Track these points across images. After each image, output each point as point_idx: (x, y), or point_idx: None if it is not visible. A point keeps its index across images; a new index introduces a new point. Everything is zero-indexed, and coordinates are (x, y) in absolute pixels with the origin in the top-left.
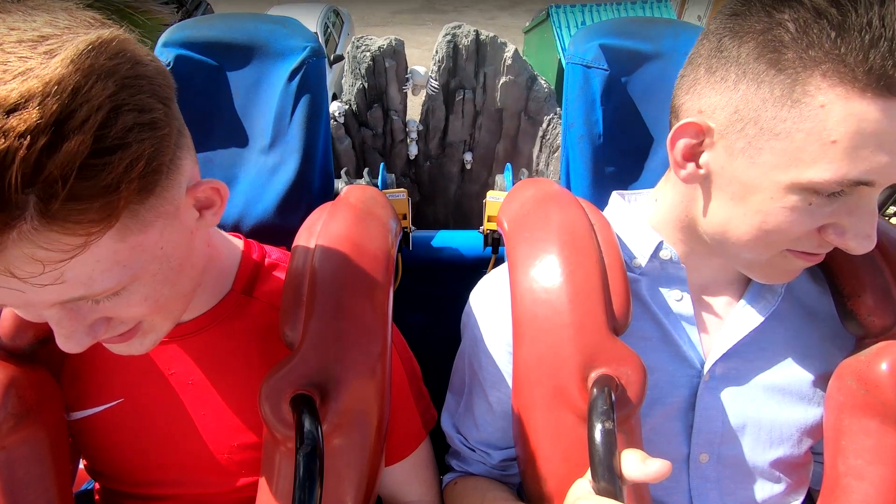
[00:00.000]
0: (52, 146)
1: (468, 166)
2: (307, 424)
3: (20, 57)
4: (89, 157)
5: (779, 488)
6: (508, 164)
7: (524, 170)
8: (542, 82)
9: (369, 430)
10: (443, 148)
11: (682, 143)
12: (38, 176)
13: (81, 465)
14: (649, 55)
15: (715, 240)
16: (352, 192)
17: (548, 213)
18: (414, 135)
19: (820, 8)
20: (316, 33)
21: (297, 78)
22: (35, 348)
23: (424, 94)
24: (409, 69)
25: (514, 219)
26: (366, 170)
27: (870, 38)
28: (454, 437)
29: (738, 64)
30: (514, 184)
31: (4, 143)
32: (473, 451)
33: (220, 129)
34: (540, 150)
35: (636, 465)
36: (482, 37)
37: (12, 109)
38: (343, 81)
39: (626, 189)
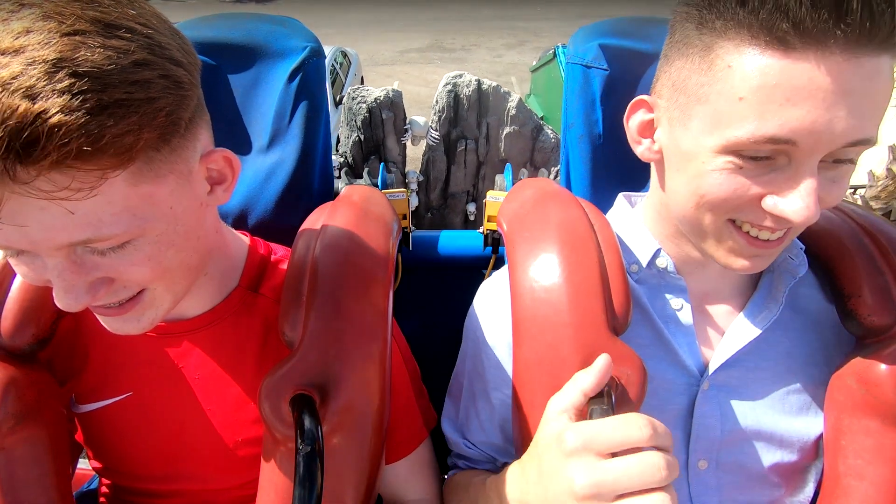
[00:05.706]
0: (88, 92)
1: (471, 217)
2: (307, 424)
3: (71, 13)
4: (119, 103)
5: (781, 493)
6: (508, 165)
7: (524, 170)
8: (549, 132)
9: (369, 429)
10: (444, 199)
11: (634, 120)
12: (72, 115)
13: (87, 463)
14: (649, 55)
15: (678, 218)
16: (352, 192)
17: (547, 213)
18: (414, 186)
19: None
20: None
21: (298, 78)
22: (35, 348)
23: (424, 144)
24: (407, 119)
25: (513, 219)
26: (366, 170)
27: (760, 0)
28: (459, 442)
29: (677, 43)
30: (513, 184)
31: (46, 86)
32: (482, 452)
33: (217, 128)
34: None
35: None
36: (484, 86)
37: (59, 61)
38: (339, 132)
39: (627, 190)
